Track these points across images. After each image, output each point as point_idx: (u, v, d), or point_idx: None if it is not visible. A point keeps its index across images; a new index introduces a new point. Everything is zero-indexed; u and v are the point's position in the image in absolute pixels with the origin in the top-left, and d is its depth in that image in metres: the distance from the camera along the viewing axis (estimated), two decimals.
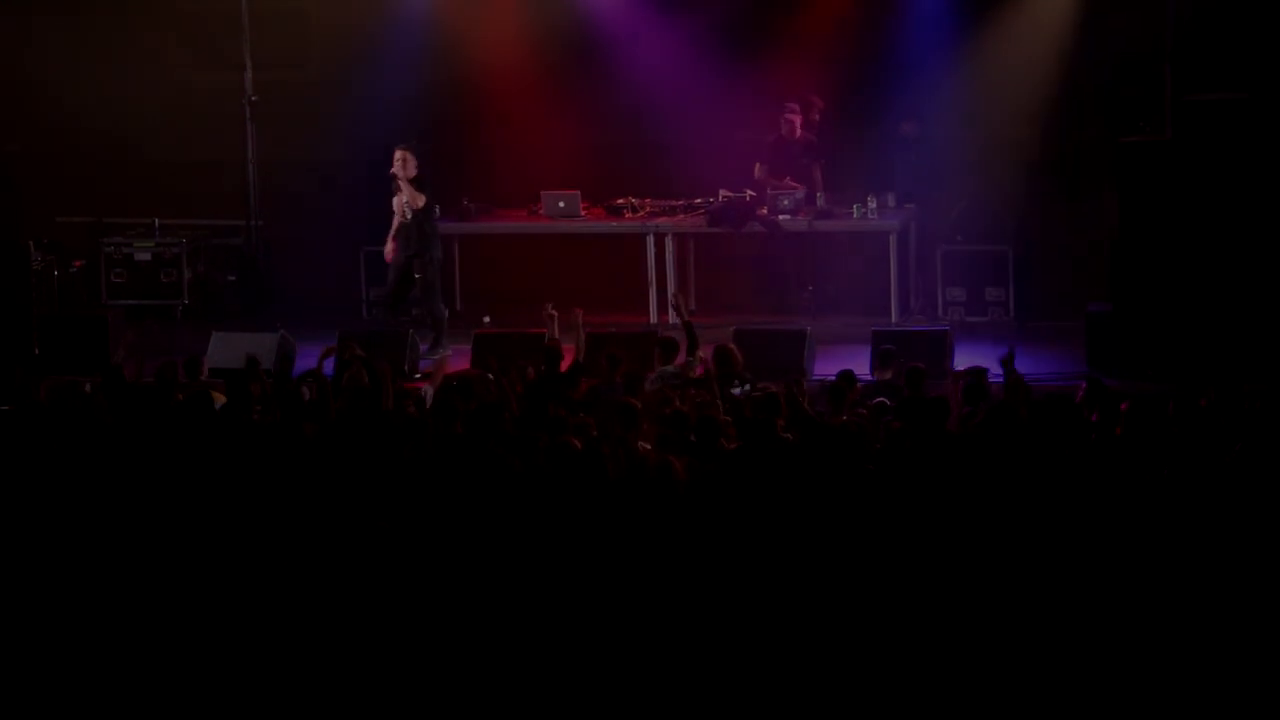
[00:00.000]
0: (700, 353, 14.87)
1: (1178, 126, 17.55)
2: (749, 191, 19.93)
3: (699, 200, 20.16)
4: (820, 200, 19.86)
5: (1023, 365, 14.54)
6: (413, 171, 18.52)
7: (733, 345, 15.05)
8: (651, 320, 19.56)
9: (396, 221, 18.66)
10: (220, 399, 13.33)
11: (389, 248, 18.74)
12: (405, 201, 18.57)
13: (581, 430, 12.00)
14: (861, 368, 15.65)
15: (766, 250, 20.00)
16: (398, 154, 18.63)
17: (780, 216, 19.79)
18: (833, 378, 14.11)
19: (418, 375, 17.48)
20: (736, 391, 14.04)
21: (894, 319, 19.41)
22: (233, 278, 20.92)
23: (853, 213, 19.78)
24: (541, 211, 20.33)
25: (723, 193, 19.99)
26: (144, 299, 20.53)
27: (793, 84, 20.26)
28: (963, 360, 16.08)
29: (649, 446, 11.96)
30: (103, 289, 20.67)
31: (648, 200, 20.29)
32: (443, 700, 9.86)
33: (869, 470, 11.36)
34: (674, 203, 20.28)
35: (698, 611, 10.02)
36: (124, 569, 10.74)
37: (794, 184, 19.93)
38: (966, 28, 19.89)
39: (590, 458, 11.22)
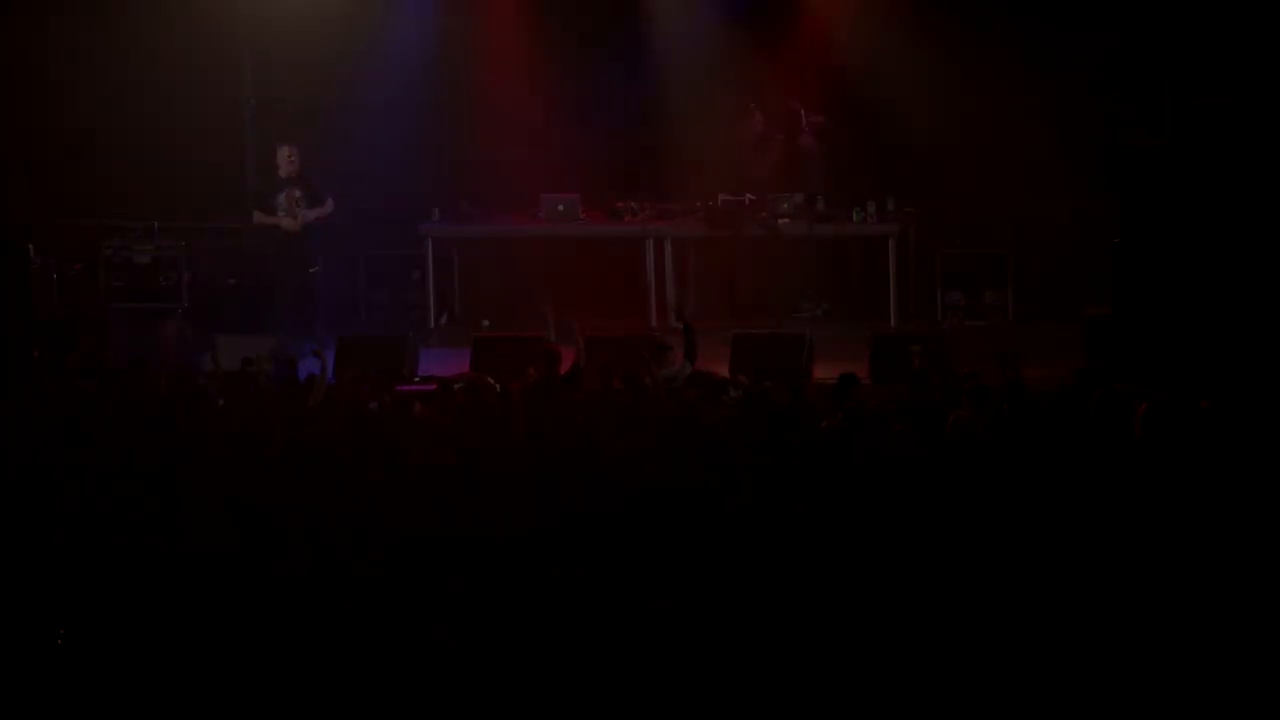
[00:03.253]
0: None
1: (1177, 130, 17.54)
2: (748, 195, 19.93)
3: (698, 204, 20.16)
4: (820, 202, 19.91)
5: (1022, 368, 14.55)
6: (296, 172, 18.36)
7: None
8: (651, 324, 19.56)
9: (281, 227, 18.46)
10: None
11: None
12: (301, 211, 18.34)
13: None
14: (861, 372, 15.64)
15: (766, 254, 20.00)
16: (287, 150, 18.45)
17: (780, 220, 19.79)
18: (832, 381, 14.14)
19: (417, 378, 17.45)
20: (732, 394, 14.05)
21: (893, 323, 19.41)
22: (232, 281, 20.89)
23: (852, 217, 19.79)
24: (541, 215, 20.31)
25: (722, 196, 19.99)
26: (143, 302, 20.50)
27: (793, 87, 20.26)
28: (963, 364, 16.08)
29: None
30: (101, 291, 20.64)
31: (647, 204, 20.28)
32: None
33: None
34: (673, 206, 20.29)
35: None
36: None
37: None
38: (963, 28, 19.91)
39: None
